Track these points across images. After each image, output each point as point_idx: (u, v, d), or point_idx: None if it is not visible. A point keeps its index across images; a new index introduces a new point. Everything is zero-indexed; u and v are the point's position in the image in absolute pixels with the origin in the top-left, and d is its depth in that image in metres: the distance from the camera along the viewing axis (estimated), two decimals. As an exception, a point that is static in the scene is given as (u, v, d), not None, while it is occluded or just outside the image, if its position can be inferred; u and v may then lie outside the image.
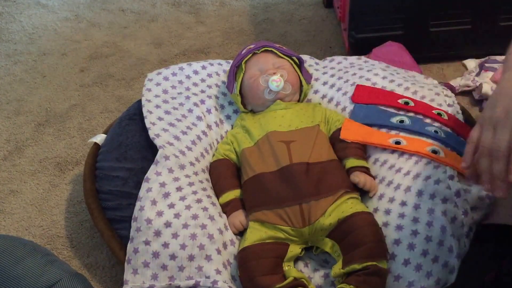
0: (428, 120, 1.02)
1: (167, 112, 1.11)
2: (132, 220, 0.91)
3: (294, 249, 0.90)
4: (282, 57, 1.11)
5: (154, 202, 0.91)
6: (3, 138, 1.38)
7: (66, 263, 0.87)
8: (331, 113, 1.08)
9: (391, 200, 0.90)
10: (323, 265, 0.92)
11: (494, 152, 0.65)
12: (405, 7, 1.39)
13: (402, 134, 1.00)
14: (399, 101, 1.05)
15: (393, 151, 0.97)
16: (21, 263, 0.78)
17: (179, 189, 0.94)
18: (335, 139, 1.02)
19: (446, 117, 1.03)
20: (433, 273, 0.80)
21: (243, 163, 1.01)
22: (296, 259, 0.92)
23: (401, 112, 1.04)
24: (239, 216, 0.95)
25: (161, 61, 1.65)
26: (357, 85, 1.10)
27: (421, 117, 1.02)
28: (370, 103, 1.07)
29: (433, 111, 1.03)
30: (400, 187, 0.90)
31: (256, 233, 0.89)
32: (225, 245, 0.90)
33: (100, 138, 1.13)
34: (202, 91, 1.18)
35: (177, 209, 0.91)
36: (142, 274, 0.87)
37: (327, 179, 0.93)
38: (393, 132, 1.01)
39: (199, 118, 1.11)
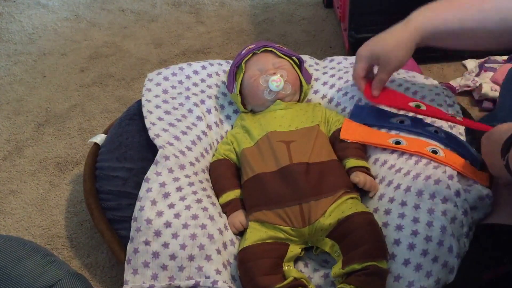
0: (428, 120, 1.02)
1: (167, 112, 1.11)
2: (132, 220, 0.91)
3: (294, 249, 0.90)
4: (282, 57, 1.11)
5: (154, 202, 0.91)
6: (3, 138, 1.38)
7: (66, 263, 0.87)
8: (331, 113, 1.08)
9: (391, 200, 0.90)
10: (323, 265, 0.92)
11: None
12: (405, 7, 1.39)
13: (402, 134, 1.00)
14: (411, 104, 1.04)
15: (393, 151, 0.97)
16: (21, 263, 0.78)
17: (179, 189, 0.94)
18: (335, 139, 1.02)
19: (461, 118, 1.01)
20: (433, 273, 0.80)
21: (243, 163, 1.01)
22: (296, 259, 0.92)
23: (401, 112, 1.04)
24: (239, 216, 0.95)
25: (161, 61, 1.65)
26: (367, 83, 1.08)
27: (421, 117, 1.02)
28: (383, 103, 1.05)
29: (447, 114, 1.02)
30: (400, 187, 0.90)
31: (256, 233, 0.89)
32: (225, 245, 0.90)
33: (100, 138, 1.13)
34: (202, 91, 1.18)
35: (177, 209, 0.91)
36: (142, 274, 0.87)
37: (327, 179, 0.93)
38: (393, 132, 1.01)
39: (199, 118, 1.11)
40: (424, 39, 0.94)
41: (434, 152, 0.92)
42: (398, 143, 0.97)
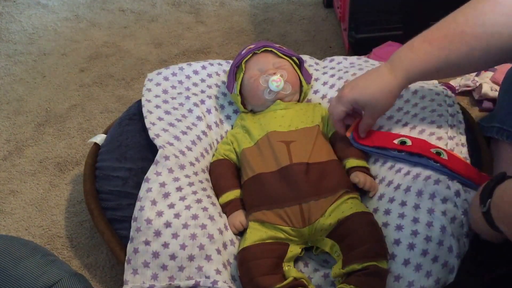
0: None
1: (167, 112, 1.11)
2: (132, 220, 0.91)
3: (294, 249, 0.90)
4: (282, 57, 1.11)
5: (154, 202, 0.91)
6: (3, 138, 1.38)
7: (66, 263, 0.87)
8: (331, 113, 1.08)
9: (391, 200, 0.90)
10: (323, 265, 0.92)
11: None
12: (405, 7, 1.39)
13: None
14: (395, 141, 0.99)
15: (393, 151, 0.97)
16: (21, 263, 0.78)
17: (179, 189, 0.94)
18: (335, 139, 1.02)
19: (445, 157, 0.92)
20: (433, 273, 0.80)
21: (243, 163, 1.01)
22: (296, 259, 0.92)
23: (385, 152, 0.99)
24: (239, 216, 0.95)
25: (161, 61, 1.65)
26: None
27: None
28: (367, 144, 1.00)
29: (432, 150, 0.94)
30: (400, 187, 0.90)
31: (256, 233, 0.89)
32: (225, 245, 0.90)
33: (100, 138, 1.13)
34: (202, 91, 1.19)
35: (177, 209, 0.91)
36: (142, 274, 0.87)
37: (327, 179, 0.93)
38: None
39: (199, 118, 1.11)
40: (411, 82, 0.92)
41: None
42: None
